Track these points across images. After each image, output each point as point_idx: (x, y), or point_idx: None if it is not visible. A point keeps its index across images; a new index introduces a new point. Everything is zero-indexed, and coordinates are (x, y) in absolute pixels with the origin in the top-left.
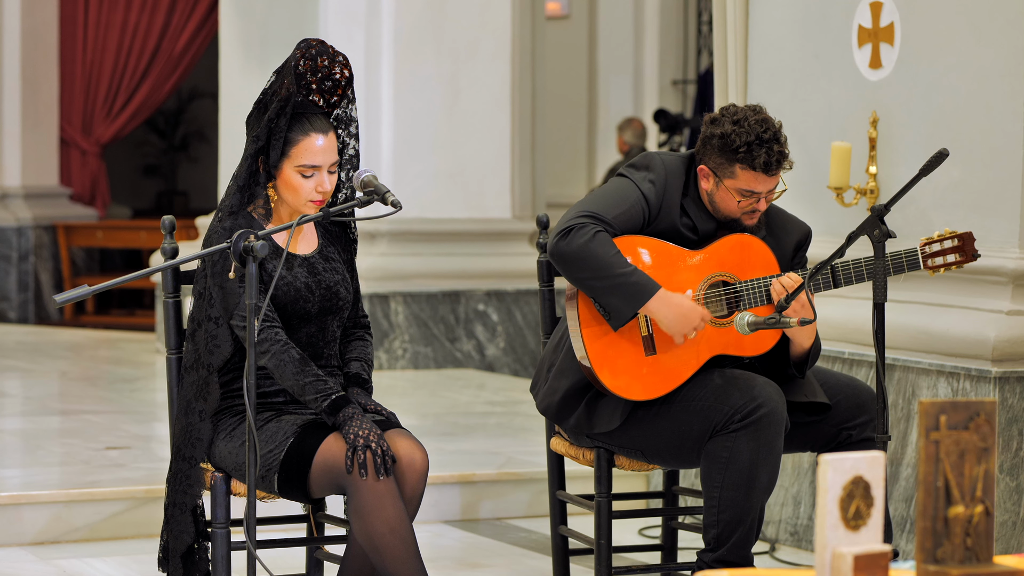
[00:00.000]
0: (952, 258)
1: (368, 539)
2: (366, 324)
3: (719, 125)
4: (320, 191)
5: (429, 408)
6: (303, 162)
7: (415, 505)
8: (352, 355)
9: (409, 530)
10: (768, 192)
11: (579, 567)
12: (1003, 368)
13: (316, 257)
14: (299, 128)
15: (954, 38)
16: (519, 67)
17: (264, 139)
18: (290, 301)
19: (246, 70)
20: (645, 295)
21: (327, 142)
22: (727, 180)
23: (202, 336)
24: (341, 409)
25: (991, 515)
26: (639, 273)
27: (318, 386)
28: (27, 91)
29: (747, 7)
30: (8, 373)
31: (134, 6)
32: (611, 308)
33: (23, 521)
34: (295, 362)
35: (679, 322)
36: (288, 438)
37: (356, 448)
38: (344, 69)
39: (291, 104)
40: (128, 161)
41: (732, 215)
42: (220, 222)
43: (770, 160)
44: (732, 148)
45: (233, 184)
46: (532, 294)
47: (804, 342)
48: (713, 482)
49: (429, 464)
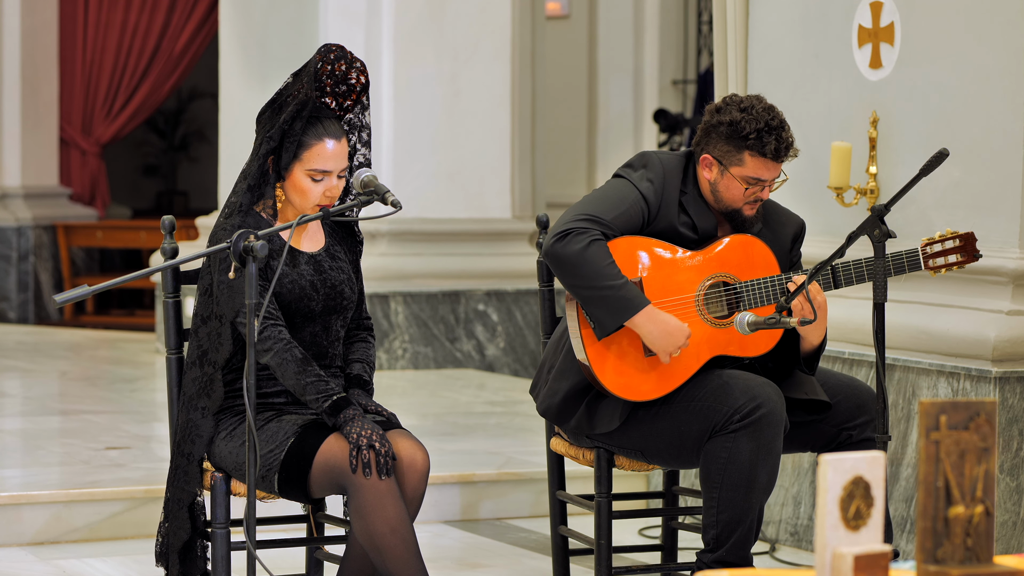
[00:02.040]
0: (954, 258)
1: (369, 538)
2: (369, 326)
3: (725, 113)
4: (328, 196)
5: (429, 408)
6: (314, 167)
7: (416, 505)
8: (354, 356)
9: (410, 530)
10: (772, 180)
11: (579, 567)
12: (1003, 368)
13: (323, 255)
14: (313, 132)
15: (954, 38)
16: (519, 67)
17: (277, 140)
18: (294, 299)
19: (246, 70)
20: (631, 310)
21: (339, 148)
22: (734, 168)
23: (206, 333)
24: (342, 410)
25: (991, 515)
26: (629, 287)
27: (319, 386)
28: (27, 91)
29: (747, 7)
30: (8, 373)
31: (134, 6)
32: (594, 319)
33: (23, 521)
34: (297, 361)
35: (663, 339)
36: (289, 438)
37: (360, 448)
38: (361, 75)
39: (308, 108)
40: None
41: (735, 204)
42: (228, 219)
43: (780, 147)
44: (742, 135)
45: (243, 183)
46: (532, 294)
47: (814, 339)
48: (712, 482)
49: (430, 464)
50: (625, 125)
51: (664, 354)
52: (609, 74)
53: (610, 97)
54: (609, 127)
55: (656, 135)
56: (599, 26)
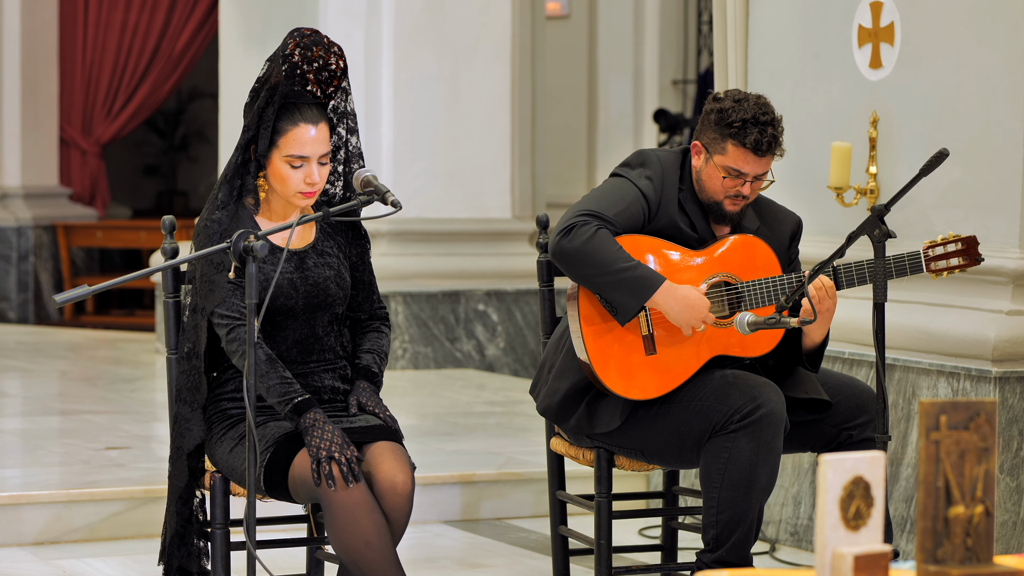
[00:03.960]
0: (956, 261)
1: (346, 554)
2: (383, 315)
3: (720, 102)
4: (308, 182)
5: (429, 408)
6: (291, 152)
7: (401, 527)
8: (365, 347)
9: (386, 541)
10: (755, 178)
11: (579, 567)
12: (1003, 368)
13: (308, 252)
14: (288, 118)
15: (954, 38)
16: (519, 67)
17: (254, 129)
18: (272, 297)
19: (246, 70)
20: (651, 288)
21: (318, 132)
22: (716, 156)
23: (192, 326)
24: (303, 414)
25: (991, 515)
26: (643, 267)
27: (281, 389)
28: (27, 91)
29: (747, 7)
30: (8, 373)
31: (134, 6)
32: (617, 303)
33: (23, 521)
34: (261, 363)
35: (686, 313)
36: (269, 448)
37: (319, 460)
38: (339, 59)
39: (279, 93)
40: (128, 161)
41: (715, 196)
42: (209, 215)
43: (761, 140)
44: (727, 123)
45: (221, 176)
46: (532, 294)
47: (816, 336)
48: (712, 482)
49: (414, 484)
50: (625, 125)
51: (687, 327)
52: (609, 74)
53: (610, 97)
54: (609, 127)
55: (656, 135)
56: (599, 26)
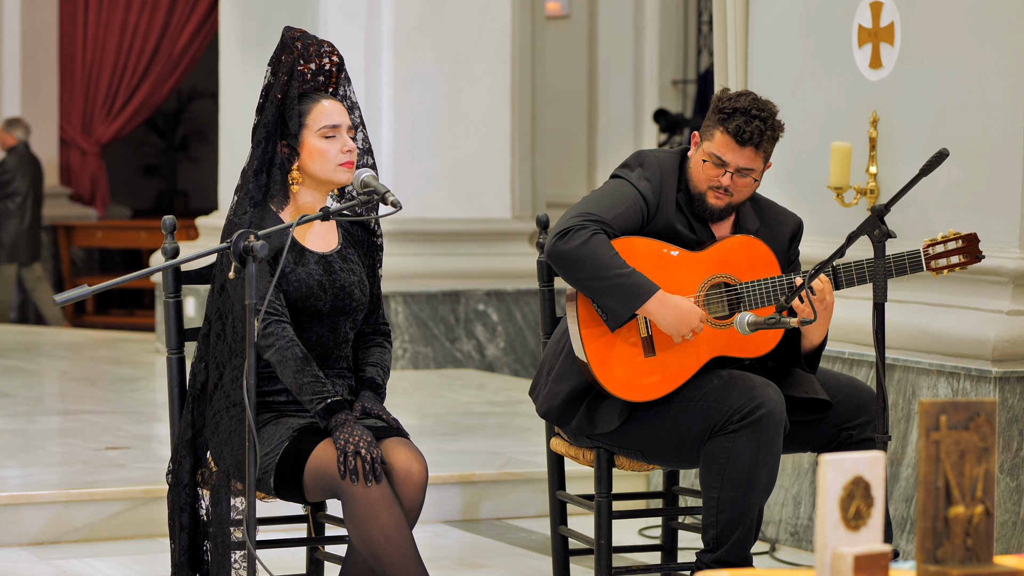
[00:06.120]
0: (956, 259)
1: (366, 547)
2: (386, 332)
3: (725, 92)
4: (346, 150)
5: (429, 408)
6: (323, 123)
7: (414, 515)
8: (370, 360)
9: (406, 535)
10: (737, 172)
11: (579, 567)
12: (1003, 368)
13: (334, 256)
14: (307, 99)
15: (954, 38)
16: (519, 67)
17: (272, 124)
18: (301, 298)
19: (246, 70)
20: (643, 296)
21: (338, 104)
22: (705, 143)
23: (230, 329)
24: (335, 413)
25: (991, 515)
26: (637, 275)
27: (315, 387)
28: (27, 91)
29: (747, 7)
30: (8, 373)
31: (134, 6)
32: (608, 309)
33: (23, 521)
34: (297, 360)
35: (677, 323)
36: (284, 442)
37: (346, 453)
38: (332, 56)
39: (295, 75)
40: (128, 161)
41: (700, 186)
42: (241, 214)
43: (743, 128)
44: (719, 108)
45: (247, 171)
46: (532, 294)
47: (815, 337)
48: (712, 482)
49: (428, 475)
50: (625, 125)
51: (677, 336)
52: (609, 74)
53: (610, 97)
54: (609, 127)
55: (656, 135)
56: (599, 26)
